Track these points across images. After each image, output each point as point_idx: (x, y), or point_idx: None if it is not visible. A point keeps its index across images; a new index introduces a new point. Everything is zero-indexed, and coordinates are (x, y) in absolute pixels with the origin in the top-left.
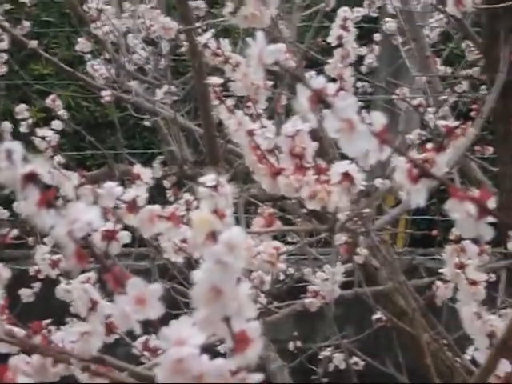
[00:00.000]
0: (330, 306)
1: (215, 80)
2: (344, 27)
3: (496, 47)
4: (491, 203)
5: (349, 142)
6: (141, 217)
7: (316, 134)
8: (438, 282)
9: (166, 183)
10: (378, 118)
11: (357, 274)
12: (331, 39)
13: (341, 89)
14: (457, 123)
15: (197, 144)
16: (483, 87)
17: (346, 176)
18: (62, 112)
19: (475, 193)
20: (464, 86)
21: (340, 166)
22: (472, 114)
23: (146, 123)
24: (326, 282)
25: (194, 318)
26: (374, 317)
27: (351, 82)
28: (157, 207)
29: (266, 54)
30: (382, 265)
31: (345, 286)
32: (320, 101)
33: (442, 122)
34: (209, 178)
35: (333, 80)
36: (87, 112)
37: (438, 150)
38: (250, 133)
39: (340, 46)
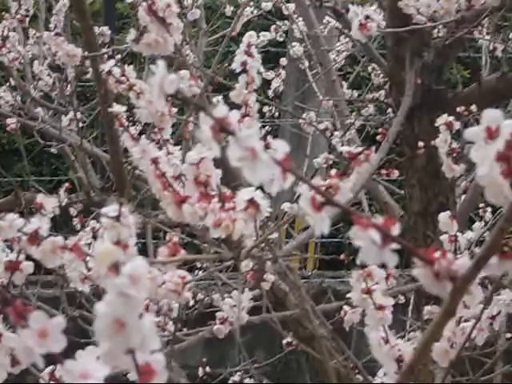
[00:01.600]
0: (239, 331)
1: (119, 108)
2: (248, 53)
3: (401, 70)
4: (395, 230)
5: (252, 171)
6: (43, 248)
7: (223, 161)
8: (346, 307)
9: (72, 211)
10: (281, 146)
11: (265, 300)
12: (235, 65)
13: (246, 115)
14: (360, 149)
15: (104, 170)
16: (390, 110)
17: (252, 203)
18: None
19: (379, 220)
20: (371, 109)
21: (245, 193)
22: (378, 137)
23: (53, 150)
24: (233, 308)
25: (98, 351)
26: (284, 341)
27: (256, 108)
28: (59, 238)
29: (167, 84)
30: (291, 290)
31: (255, 310)
32: (222, 130)
33: (345, 148)
34: (111, 209)
35: (238, 106)
36: None
37: (342, 175)
38: (155, 161)
39: (245, 71)
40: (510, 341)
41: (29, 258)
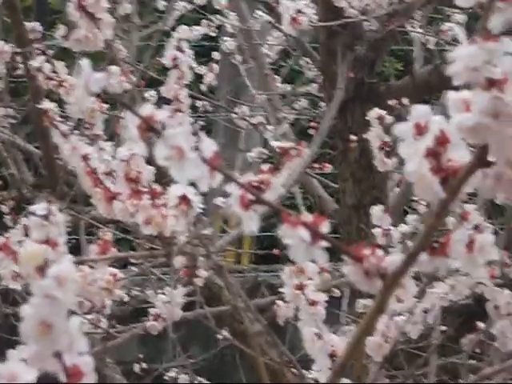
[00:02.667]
0: (175, 327)
1: (47, 105)
2: (178, 48)
3: (333, 64)
4: (325, 227)
5: (179, 170)
6: None
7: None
8: (280, 302)
9: (5, 208)
10: (209, 144)
11: (199, 296)
12: (166, 61)
13: (177, 110)
14: (292, 144)
15: (37, 167)
16: (323, 104)
17: (183, 199)
18: None
19: (308, 217)
20: (303, 103)
21: (177, 189)
22: (311, 131)
23: None
24: (167, 304)
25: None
26: (220, 336)
27: (188, 103)
28: None
29: (93, 82)
30: (225, 286)
31: (192, 305)
32: (149, 128)
33: (276, 143)
34: (40, 207)
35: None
36: None
37: (274, 171)
38: (85, 157)
39: (176, 66)
40: (445, 334)
41: None
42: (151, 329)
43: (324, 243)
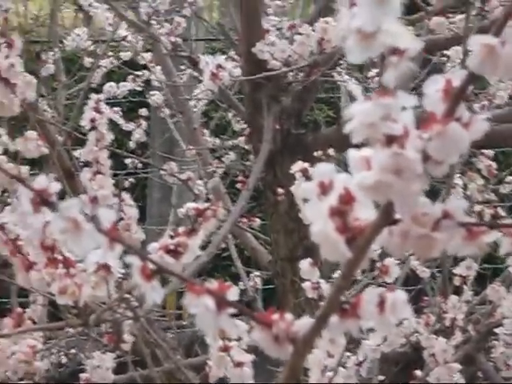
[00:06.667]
0: None
1: None
2: (96, 109)
3: (259, 116)
4: (232, 294)
5: (76, 242)
6: None
7: None
8: (210, 362)
9: None
10: (107, 215)
11: (129, 358)
12: (84, 122)
13: (98, 172)
14: (207, 205)
15: None
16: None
17: (102, 265)
18: None
19: (213, 286)
20: (232, 156)
21: (94, 255)
22: (238, 185)
23: None
24: (97, 368)
25: None
26: None
27: (108, 165)
28: None
29: None
30: (156, 347)
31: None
32: (43, 202)
33: (191, 205)
34: None
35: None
36: None
37: (190, 233)
38: (1, 226)
39: (94, 128)
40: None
41: None
42: None
43: (231, 310)
